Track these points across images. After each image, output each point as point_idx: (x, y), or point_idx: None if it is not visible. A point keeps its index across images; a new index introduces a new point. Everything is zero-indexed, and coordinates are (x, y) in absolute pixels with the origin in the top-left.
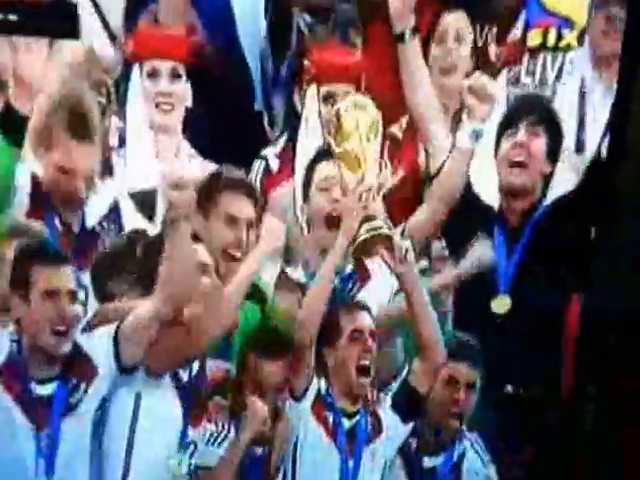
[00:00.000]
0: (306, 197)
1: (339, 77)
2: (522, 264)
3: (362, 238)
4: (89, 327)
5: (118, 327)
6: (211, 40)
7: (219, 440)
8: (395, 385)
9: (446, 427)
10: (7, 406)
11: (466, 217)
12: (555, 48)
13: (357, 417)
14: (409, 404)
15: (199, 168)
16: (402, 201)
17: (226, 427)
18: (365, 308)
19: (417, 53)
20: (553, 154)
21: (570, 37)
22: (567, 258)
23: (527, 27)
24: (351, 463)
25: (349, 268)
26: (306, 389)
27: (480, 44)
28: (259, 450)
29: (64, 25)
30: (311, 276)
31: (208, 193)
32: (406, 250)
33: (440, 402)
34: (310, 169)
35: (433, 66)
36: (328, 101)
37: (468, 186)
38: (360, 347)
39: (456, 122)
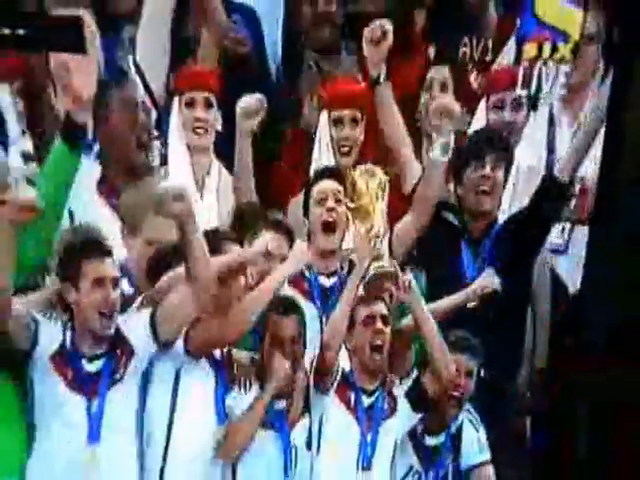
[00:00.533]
0: (306, 211)
1: (348, 104)
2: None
3: (372, 274)
4: (136, 309)
5: (153, 313)
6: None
7: (244, 393)
8: (410, 379)
9: (448, 411)
10: (59, 388)
11: (437, 231)
12: (549, 59)
13: (376, 394)
14: (419, 400)
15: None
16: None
17: (251, 384)
18: (378, 298)
19: (390, 93)
20: (506, 180)
21: (564, 50)
22: (520, 262)
23: (522, 40)
24: (369, 437)
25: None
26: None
27: (471, 64)
28: (281, 404)
29: (71, 39)
30: (315, 277)
31: (254, 231)
32: (409, 281)
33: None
34: (309, 187)
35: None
36: (338, 125)
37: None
38: (372, 329)
39: (429, 140)
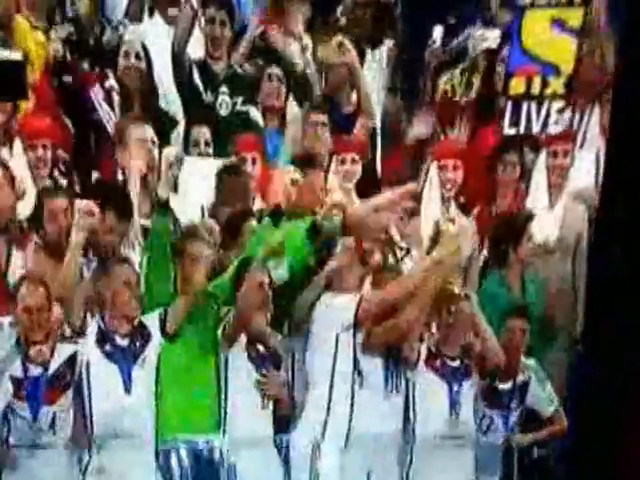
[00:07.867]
0: None
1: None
2: None
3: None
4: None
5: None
6: None
7: None
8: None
9: (510, 364)
10: (98, 352)
11: None
12: (540, 96)
13: (458, 361)
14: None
15: None
16: None
17: None
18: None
19: None
20: None
21: (556, 84)
22: None
23: (509, 74)
24: (455, 387)
25: None
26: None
27: None
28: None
29: (12, 85)
30: None
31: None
32: (470, 298)
33: (505, 343)
34: None
35: None
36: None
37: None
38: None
39: None
